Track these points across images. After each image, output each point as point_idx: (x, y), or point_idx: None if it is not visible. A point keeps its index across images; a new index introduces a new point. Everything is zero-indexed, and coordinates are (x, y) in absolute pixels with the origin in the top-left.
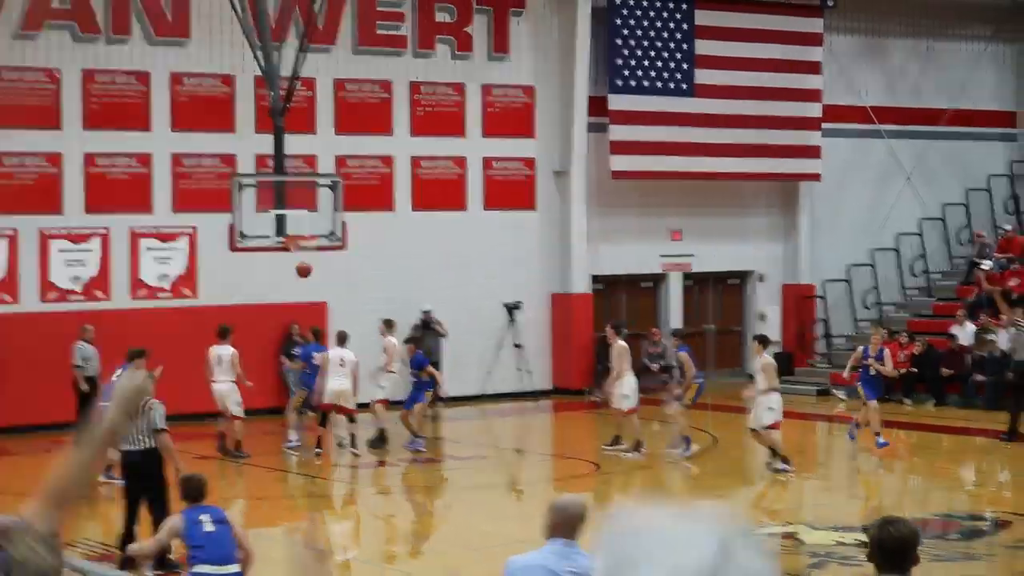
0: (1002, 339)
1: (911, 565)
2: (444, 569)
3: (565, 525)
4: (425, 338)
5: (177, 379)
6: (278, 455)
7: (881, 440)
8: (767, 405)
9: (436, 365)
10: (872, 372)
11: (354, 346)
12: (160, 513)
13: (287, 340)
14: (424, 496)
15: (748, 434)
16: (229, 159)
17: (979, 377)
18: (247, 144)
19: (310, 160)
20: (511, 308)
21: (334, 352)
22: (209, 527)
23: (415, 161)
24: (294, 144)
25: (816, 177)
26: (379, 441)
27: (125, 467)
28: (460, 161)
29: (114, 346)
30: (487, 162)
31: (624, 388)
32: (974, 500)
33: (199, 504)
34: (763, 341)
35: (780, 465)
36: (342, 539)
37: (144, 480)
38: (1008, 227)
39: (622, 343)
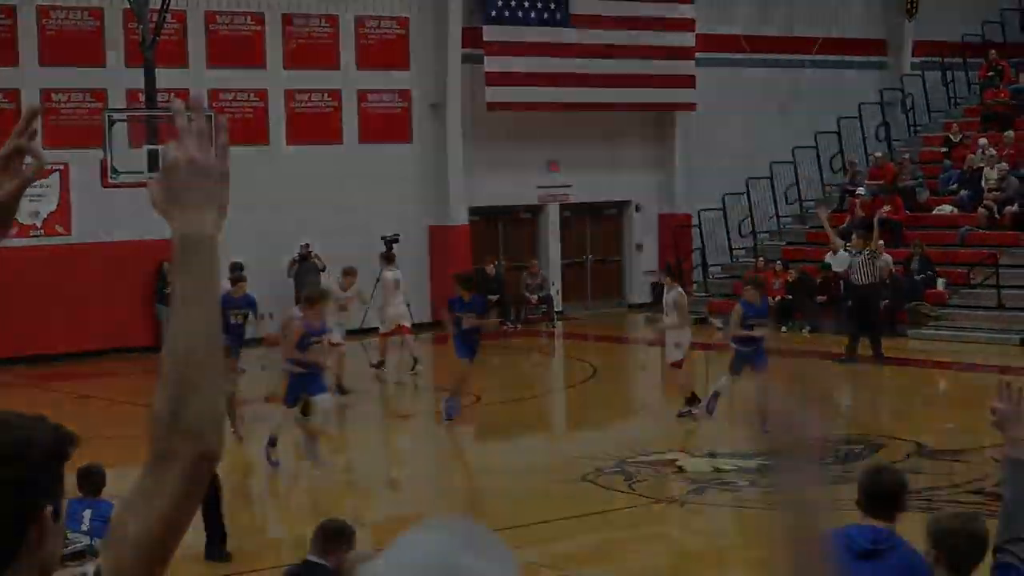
0: (841, 262)
1: (897, 512)
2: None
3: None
4: (304, 272)
5: (56, 317)
6: None
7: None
8: (674, 341)
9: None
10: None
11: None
12: None
13: (160, 279)
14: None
15: (648, 367)
16: (99, 94)
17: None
18: (117, 79)
19: (182, 94)
20: (389, 241)
21: (390, 274)
22: None
23: (289, 94)
24: (165, 78)
25: (691, 107)
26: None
27: None
28: (335, 94)
29: None
30: (362, 95)
31: (680, 338)
32: (848, 424)
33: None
34: (672, 273)
35: (685, 408)
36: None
37: None
38: (879, 154)
39: (680, 290)
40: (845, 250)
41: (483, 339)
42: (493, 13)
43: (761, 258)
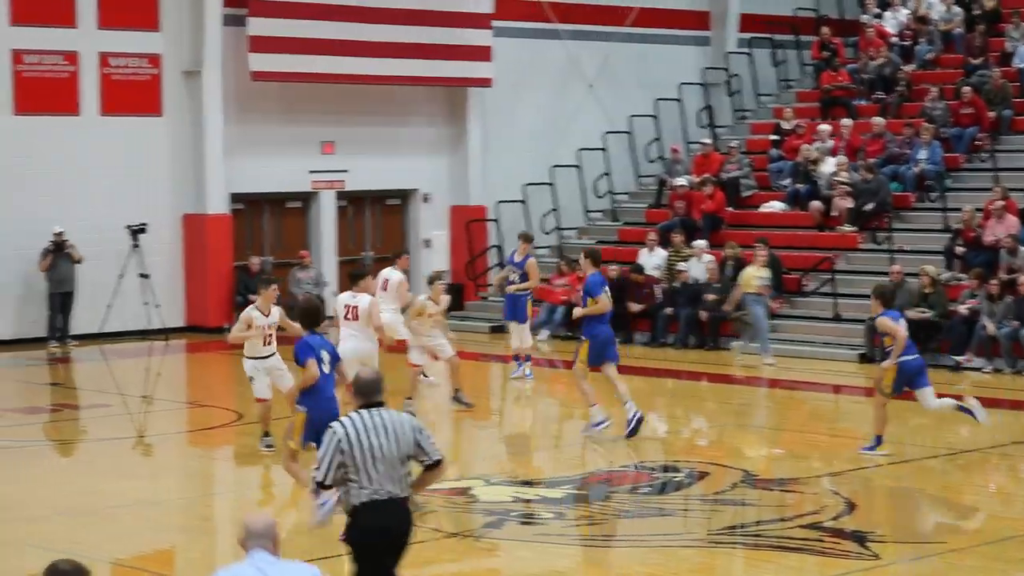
0: (694, 268)
1: None
2: (62, 534)
3: (260, 537)
4: (58, 264)
5: None
6: None
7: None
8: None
9: (70, 297)
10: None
11: None
12: None
13: None
14: (46, 451)
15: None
16: None
17: (670, 311)
18: None
19: None
20: (135, 231)
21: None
22: None
23: (16, 55)
24: None
25: (487, 82)
26: None
27: None
28: (71, 56)
29: None
30: (103, 58)
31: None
32: (667, 449)
33: None
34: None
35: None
36: None
37: None
38: (707, 141)
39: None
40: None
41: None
42: None
43: (561, 261)
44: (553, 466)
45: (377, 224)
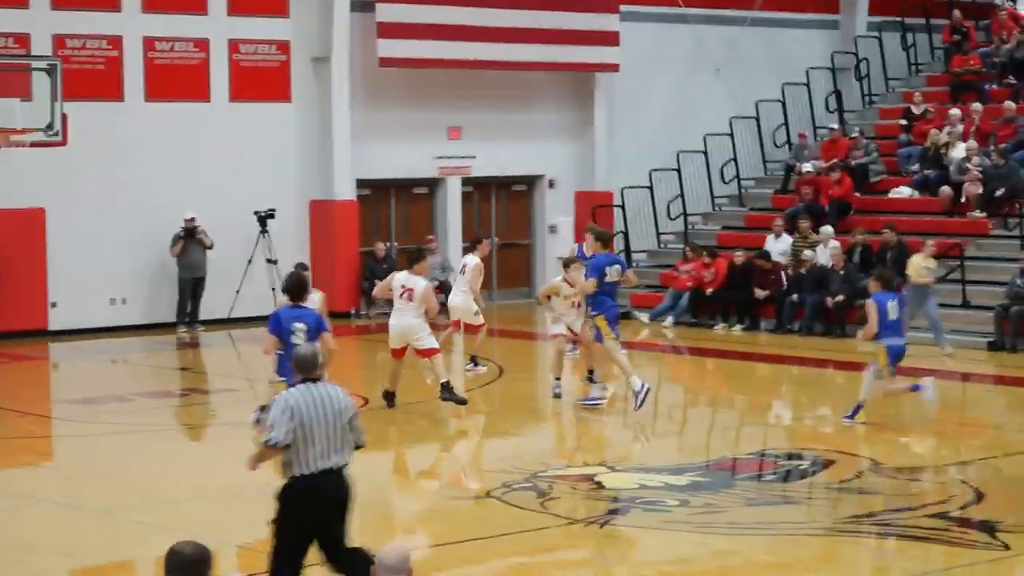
0: (820, 255)
1: None
2: (182, 518)
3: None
4: (190, 250)
5: None
6: None
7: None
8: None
9: (201, 282)
10: None
11: (73, 258)
12: None
13: None
14: (169, 435)
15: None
16: None
17: (795, 297)
18: None
19: (22, 39)
20: (263, 217)
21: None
22: None
23: (148, 43)
24: (2, 20)
25: (614, 68)
26: None
27: None
28: (202, 43)
29: None
30: (233, 45)
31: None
32: (792, 437)
33: None
34: (601, 237)
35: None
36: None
37: None
38: (835, 126)
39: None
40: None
41: None
42: None
43: (688, 247)
44: (678, 453)
45: (503, 210)
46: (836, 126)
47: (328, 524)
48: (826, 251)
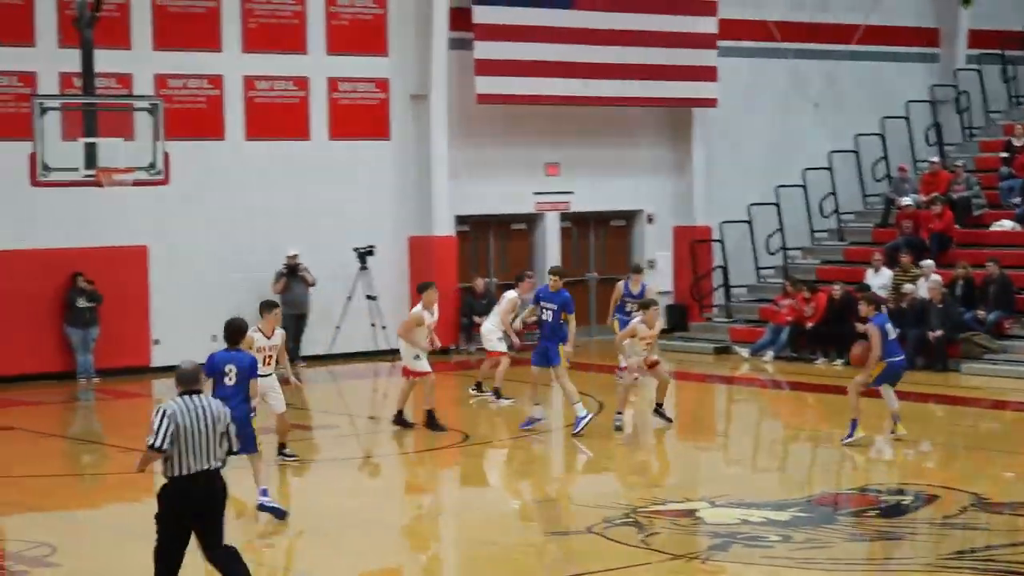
0: (921, 288)
1: None
2: (287, 554)
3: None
4: (292, 287)
5: None
6: None
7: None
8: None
9: (303, 319)
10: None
11: (176, 295)
12: None
13: (71, 292)
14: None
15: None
16: (28, 78)
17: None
18: (50, 60)
19: (124, 80)
20: (363, 253)
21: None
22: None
23: (248, 82)
24: (105, 61)
25: (712, 103)
26: None
27: None
28: (301, 82)
29: None
30: (333, 83)
31: None
32: (894, 472)
33: None
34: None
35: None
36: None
37: None
38: (935, 159)
39: None
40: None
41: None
42: None
43: (787, 281)
44: (779, 488)
45: (601, 245)
46: (936, 159)
47: (202, 519)
48: (926, 285)
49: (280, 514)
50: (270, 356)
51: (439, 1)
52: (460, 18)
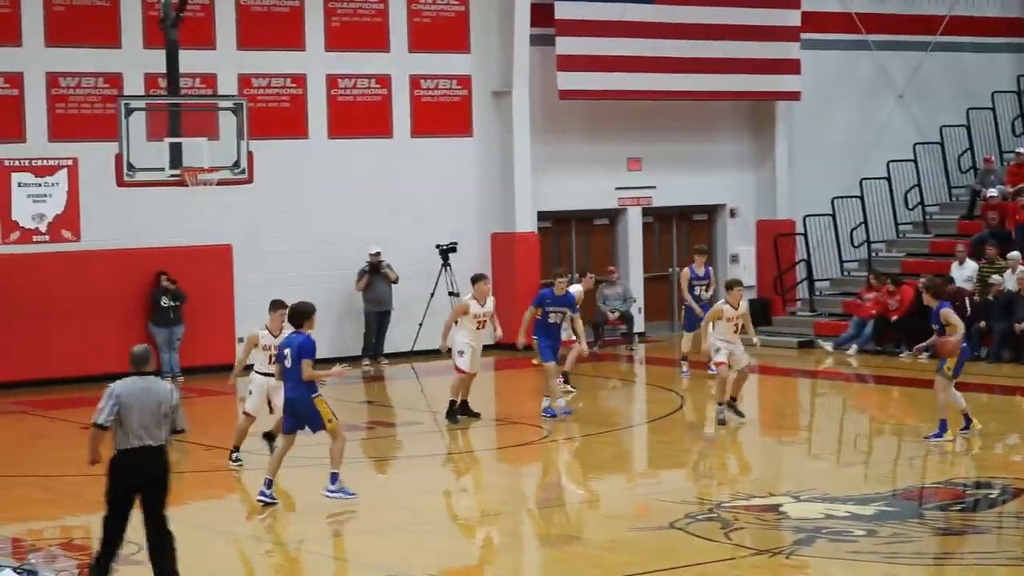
0: (1008, 280)
1: None
2: (369, 549)
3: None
4: (375, 284)
5: (62, 335)
6: None
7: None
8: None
9: (386, 316)
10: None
11: (260, 294)
12: None
13: (155, 291)
14: (353, 468)
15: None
16: (114, 79)
17: (983, 325)
18: (135, 61)
19: (209, 80)
20: (446, 250)
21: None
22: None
23: (331, 80)
24: (190, 61)
25: (795, 96)
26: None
27: None
28: (383, 80)
29: None
30: (415, 81)
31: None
32: (981, 465)
33: None
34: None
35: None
36: (264, 522)
37: None
38: (1021, 150)
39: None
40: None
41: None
42: None
43: (871, 274)
44: (863, 482)
45: (683, 240)
46: (1023, 150)
47: (144, 491)
48: (1013, 277)
49: (348, 495)
50: (275, 355)
51: None
52: (542, 14)
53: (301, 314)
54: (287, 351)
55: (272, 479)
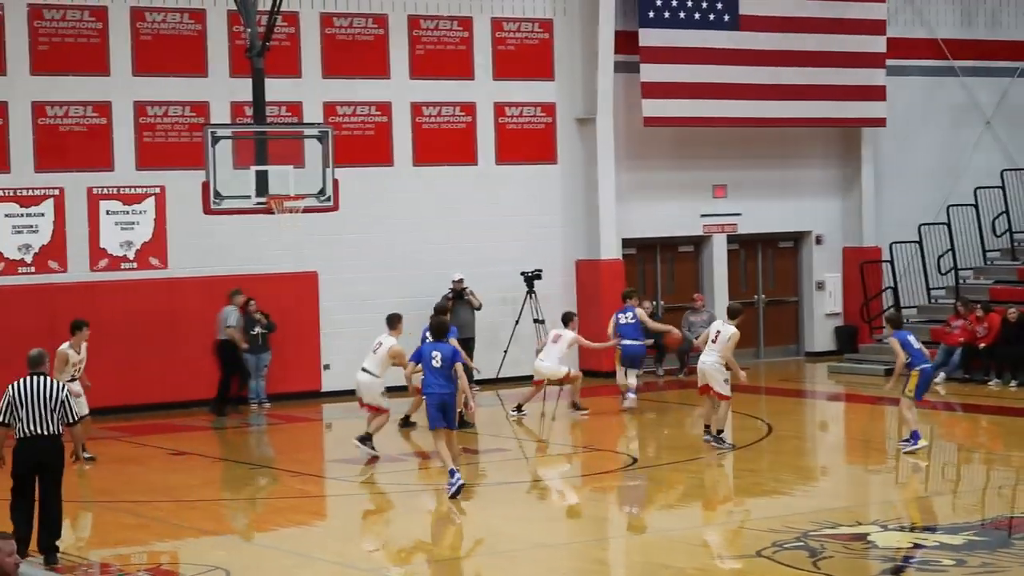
0: None
1: None
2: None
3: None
4: (459, 311)
5: (150, 361)
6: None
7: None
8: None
9: (470, 343)
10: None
11: (345, 320)
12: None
13: (245, 319)
14: (435, 495)
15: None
16: (201, 107)
17: None
18: (221, 90)
19: (295, 108)
20: (530, 277)
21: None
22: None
23: (416, 108)
24: (276, 89)
25: (881, 122)
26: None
27: None
28: (468, 107)
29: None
30: (499, 108)
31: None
32: None
33: None
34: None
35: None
36: (343, 544)
37: None
38: None
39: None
40: None
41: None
42: (651, 14)
43: (959, 301)
44: (952, 511)
45: (769, 267)
46: None
47: (39, 475)
48: None
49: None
50: (76, 369)
51: (605, 25)
52: (626, 41)
53: (443, 329)
54: (435, 354)
55: (455, 468)
